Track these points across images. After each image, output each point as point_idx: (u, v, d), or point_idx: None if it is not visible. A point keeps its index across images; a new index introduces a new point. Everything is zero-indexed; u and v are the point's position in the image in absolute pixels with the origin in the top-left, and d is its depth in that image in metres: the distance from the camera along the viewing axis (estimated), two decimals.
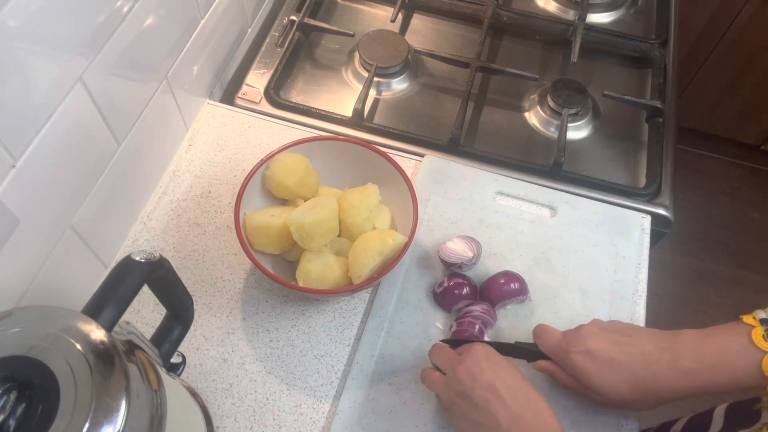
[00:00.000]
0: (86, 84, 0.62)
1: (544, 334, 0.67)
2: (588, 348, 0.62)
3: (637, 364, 0.61)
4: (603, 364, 0.61)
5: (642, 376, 0.60)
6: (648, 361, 0.61)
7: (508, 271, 0.76)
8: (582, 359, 0.62)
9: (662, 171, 0.90)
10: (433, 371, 0.65)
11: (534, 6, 1.11)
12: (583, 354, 0.62)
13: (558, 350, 0.65)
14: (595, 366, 0.62)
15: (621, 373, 0.61)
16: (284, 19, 1.04)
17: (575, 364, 0.63)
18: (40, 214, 0.61)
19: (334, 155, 0.78)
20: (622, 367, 0.61)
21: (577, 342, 0.63)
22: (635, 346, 0.62)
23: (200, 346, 0.73)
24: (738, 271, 1.93)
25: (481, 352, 0.61)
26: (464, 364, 0.60)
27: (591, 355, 0.62)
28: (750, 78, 1.79)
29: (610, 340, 0.62)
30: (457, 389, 0.60)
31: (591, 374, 0.62)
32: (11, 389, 0.39)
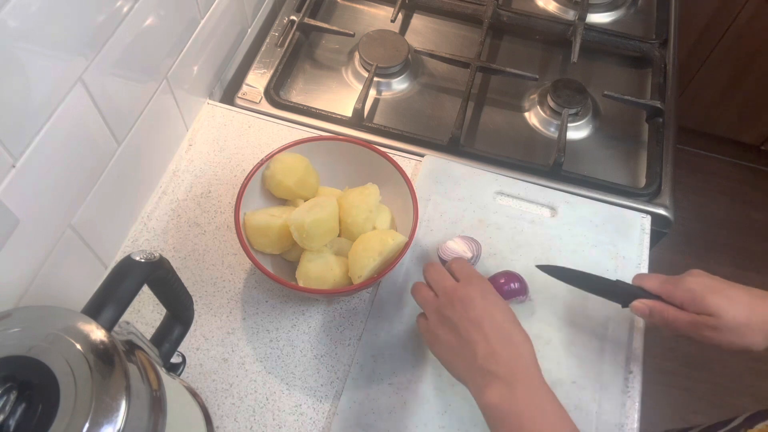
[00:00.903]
0: (86, 84, 0.62)
1: (648, 276, 0.69)
2: (704, 278, 0.65)
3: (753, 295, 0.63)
4: (719, 288, 0.64)
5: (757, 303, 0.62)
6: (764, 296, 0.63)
7: (509, 271, 0.76)
8: (700, 283, 0.64)
9: (662, 171, 0.90)
10: (428, 288, 0.65)
11: (534, 6, 1.11)
12: (701, 280, 0.65)
13: (667, 282, 0.67)
14: (713, 287, 0.64)
15: (737, 298, 0.63)
16: (284, 19, 1.04)
17: (691, 287, 0.64)
18: (40, 214, 0.61)
19: (334, 155, 0.78)
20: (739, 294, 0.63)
21: (692, 274, 0.66)
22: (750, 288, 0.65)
23: (200, 346, 0.73)
24: (738, 271, 1.93)
25: (479, 286, 0.61)
26: (458, 293, 0.60)
27: (709, 281, 0.65)
28: (750, 78, 1.79)
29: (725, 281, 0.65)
30: (445, 315, 0.60)
31: (708, 294, 0.63)
32: (11, 389, 0.39)
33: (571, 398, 0.69)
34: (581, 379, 0.71)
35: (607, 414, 0.69)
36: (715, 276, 0.66)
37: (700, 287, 0.64)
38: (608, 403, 0.70)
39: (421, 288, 0.65)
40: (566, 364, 0.72)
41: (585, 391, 0.70)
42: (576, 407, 0.69)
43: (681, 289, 0.65)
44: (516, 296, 0.74)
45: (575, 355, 0.71)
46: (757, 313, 0.62)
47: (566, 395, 0.69)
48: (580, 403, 0.69)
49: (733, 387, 1.68)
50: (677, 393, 1.61)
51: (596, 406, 0.70)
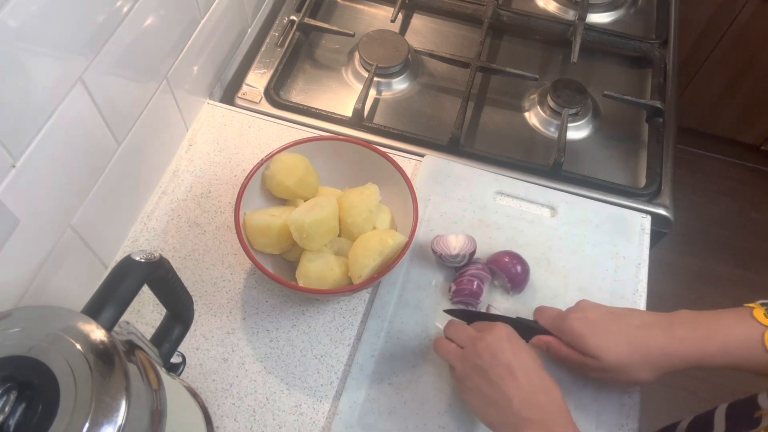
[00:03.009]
0: (86, 84, 0.62)
1: (544, 310, 0.70)
2: (586, 315, 0.65)
3: (632, 328, 0.63)
4: (600, 327, 0.64)
5: (637, 339, 0.63)
6: (644, 326, 0.63)
7: (519, 255, 0.76)
8: (579, 323, 0.65)
9: (662, 171, 0.90)
10: (449, 342, 0.66)
11: (534, 6, 1.11)
12: (582, 319, 0.65)
13: (557, 319, 0.67)
14: (592, 328, 0.64)
15: (617, 335, 0.63)
16: (284, 19, 1.04)
17: (573, 327, 0.65)
18: (40, 214, 0.61)
19: (334, 155, 0.78)
20: (619, 330, 0.63)
21: (576, 311, 0.66)
22: (633, 317, 0.65)
23: (200, 346, 0.73)
24: (738, 271, 1.93)
25: (504, 331, 0.62)
26: (485, 340, 0.61)
27: (589, 320, 0.65)
28: (750, 78, 1.79)
29: (608, 312, 0.66)
30: (474, 363, 0.61)
31: (587, 335, 0.64)
32: (11, 389, 0.39)
33: (571, 398, 0.69)
34: (581, 379, 0.71)
35: (607, 414, 0.69)
36: (599, 307, 0.66)
37: (579, 328, 0.64)
38: (608, 403, 0.70)
39: (443, 342, 0.66)
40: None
41: (585, 391, 0.70)
42: (576, 407, 0.69)
43: (564, 330, 0.66)
44: (512, 278, 0.75)
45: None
46: (638, 349, 0.62)
47: (566, 395, 0.69)
48: (580, 403, 0.69)
49: (733, 387, 1.68)
50: (677, 393, 1.61)
51: (596, 406, 0.70)
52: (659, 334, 0.62)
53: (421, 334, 0.74)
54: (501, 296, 0.77)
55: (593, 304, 0.67)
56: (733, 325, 0.61)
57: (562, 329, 0.66)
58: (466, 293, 0.74)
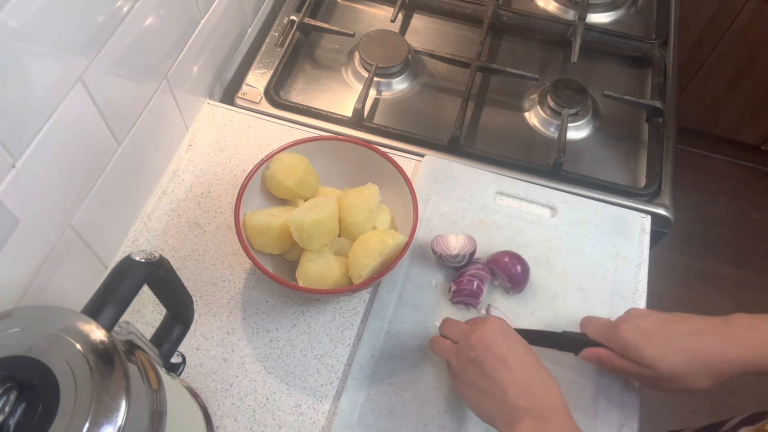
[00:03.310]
0: (86, 84, 0.62)
1: (591, 321, 0.69)
2: (638, 324, 0.63)
3: (688, 336, 0.61)
4: (653, 336, 0.62)
5: (694, 347, 0.61)
6: (700, 333, 0.61)
7: (519, 255, 0.76)
8: (632, 333, 0.63)
9: (662, 171, 0.90)
10: (444, 339, 0.66)
11: (534, 6, 1.11)
12: (634, 329, 0.63)
13: (607, 330, 0.66)
14: (646, 338, 0.62)
15: (672, 345, 0.61)
16: (284, 19, 1.04)
17: (626, 338, 0.63)
18: (40, 214, 0.61)
19: (334, 155, 0.78)
20: (673, 339, 0.62)
21: (627, 320, 0.65)
22: (686, 323, 0.63)
23: (200, 346, 0.73)
24: (738, 271, 1.93)
25: (497, 324, 0.61)
26: (478, 333, 0.61)
27: (641, 329, 0.63)
28: (750, 78, 1.79)
29: (660, 319, 0.64)
30: (468, 356, 0.60)
31: (641, 346, 0.62)
32: (11, 389, 0.39)
33: (571, 398, 0.69)
34: (581, 379, 0.71)
35: (607, 414, 0.69)
36: (651, 314, 0.65)
37: (633, 338, 0.63)
38: (608, 403, 0.70)
39: (438, 340, 0.66)
40: (566, 363, 0.71)
41: (585, 391, 0.70)
42: (576, 407, 0.69)
43: (617, 341, 0.64)
44: (512, 278, 0.75)
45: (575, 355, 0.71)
46: (696, 357, 0.61)
47: (566, 395, 0.69)
48: (580, 403, 0.69)
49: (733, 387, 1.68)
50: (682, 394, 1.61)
51: (596, 406, 0.70)
52: (717, 341, 0.60)
53: (421, 334, 0.74)
54: (501, 296, 0.77)
55: (644, 311, 0.66)
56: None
57: (614, 340, 0.64)
58: (466, 293, 0.74)
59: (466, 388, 0.61)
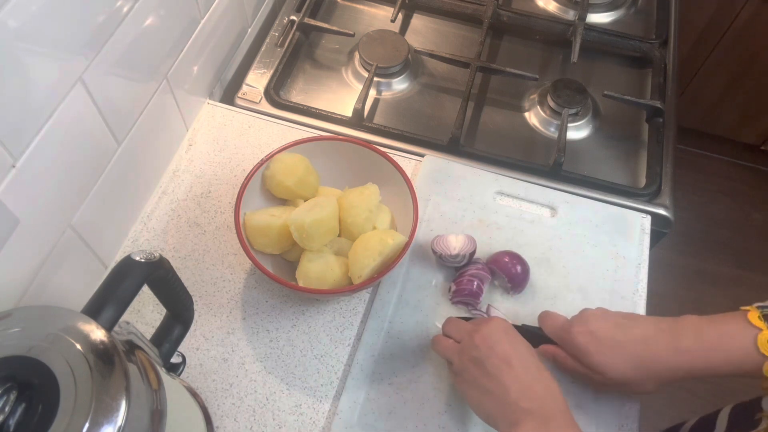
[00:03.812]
0: (86, 84, 0.62)
1: (548, 318, 0.69)
2: (590, 328, 0.64)
3: (637, 343, 0.62)
4: (604, 342, 0.63)
5: (641, 354, 0.62)
6: (647, 340, 0.62)
7: (519, 255, 0.76)
8: (584, 338, 0.64)
9: (662, 171, 0.90)
10: (446, 338, 0.66)
11: (534, 6, 1.11)
12: (585, 333, 0.64)
13: (561, 331, 0.66)
14: (596, 344, 0.63)
15: (621, 352, 0.62)
16: (284, 19, 1.04)
17: (577, 343, 0.64)
18: (40, 214, 0.61)
19: (334, 155, 0.78)
20: (622, 346, 0.62)
21: (579, 322, 0.65)
22: (636, 327, 0.63)
23: (200, 346, 0.73)
24: (738, 271, 1.93)
25: (500, 324, 0.62)
26: (481, 332, 0.61)
27: (592, 334, 0.64)
28: (750, 78, 1.79)
29: (612, 322, 0.64)
30: (471, 355, 0.60)
31: (591, 352, 0.63)
32: (11, 389, 0.39)
33: (571, 397, 0.69)
34: (581, 379, 0.71)
35: (607, 414, 0.69)
36: (603, 316, 0.65)
37: (584, 344, 0.64)
38: (608, 403, 0.70)
39: (440, 339, 0.67)
40: None
41: (585, 392, 0.70)
42: (576, 407, 0.69)
43: (569, 344, 0.65)
44: (512, 278, 0.75)
45: None
46: (643, 364, 0.62)
47: (566, 395, 0.69)
48: (580, 403, 0.69)
49: (733, 387, 1.68)
50: (677, 393, 1.61)
51: (596, 406, 0.70)
52: (664, 348, 0.61)
53: (421, 334, 0.74)
54: (501, 296, 0.77)
55: (597, 312, 0.66)
56: (736, 334, 0.60)
57: (566, 343, 0.66)
58: (466, 293, 0.74)
59: (467, 387, 0.61)
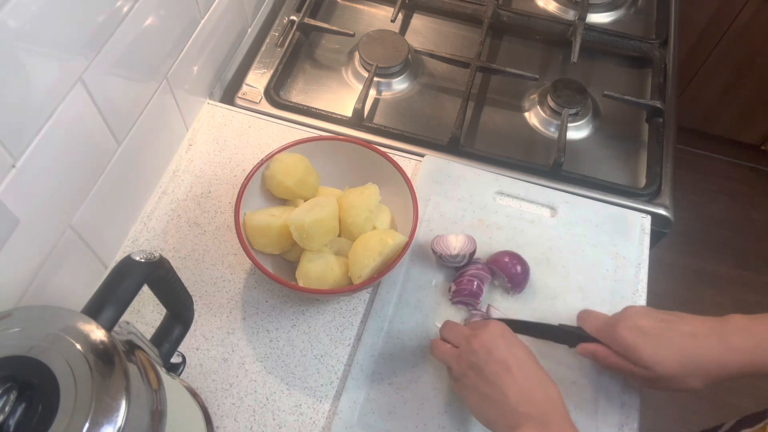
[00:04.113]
0: (86, 84, 0.62)
1: (589, 316, 0.68)
2: (637, 323, 0.63)
3: (685, 338, 0.62)
4: (652, 337, 0.62)
5: (691, 350, 0.61)
6: (696, 335, 0.61)
7: (519, 255, 0.76)
8: (630, 333, 0.63)
9: (662, 171, 0.90)
10: (444, 343, 0.66)
11: (534, 6, 1.11)
12: (632, 329, 0.63)
13: (606, 327, 0.65)
14: (644, 339, 0.62)
15: (670, 347, 0.62)
16: (284, 19, 1.04)
17: (624, 338, 0.63)
18: (40, 214, 0.61)
19: (334, 155, 0.78)
20: (672, 342, 0.62)
21: (625, 319, 0.64)
22: (683, 324, 0.63)
23: (200, 346, 0.73)
24: (738, 271, 1.93)
25: (498, 328, 0.62)
26: (480, 337, 0.61)
27: (640, 329, 0.63)
28: (750, 78, 1.79)
29: (658, 319, 0.63)
30: (470, 361, 0.60)
31: (640, 347, 0.62)
32: (11, 389, 0.39)
33: (571, 398, 0.69)
34: (581, 379, 0.71)
35: (607, 414, 0.69)
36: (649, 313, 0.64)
37: (632, 338, 0.63)
38: (608, 403, 0.70)
39: (438, 343, 0.66)
40: (566, 363, 0.72)
41: (585, 391, 0.70)
42: (576, 407, 0.69)
43: (614, 340, 0.64)
44: (512, 278, 0.75)
45: (575, 355, 0.71)
46: (692, 360, 0.61)
47: (566, 395, 0.69)
48: (581, 403, 0.69)
49: (733, 387, 1.68)
50: (677, 393, 1.61)
51: (596, 406, 0.70)
52: (713, 344, 0.61)
53: (421, 334, 0.74)
54: (501, 296, 0.77)
55: (642, 309, 0.65)
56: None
57: (612, 339, 0.64)
58: (466, 293, 0.74)
59: (467, 393, 0.61)
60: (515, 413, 0.56)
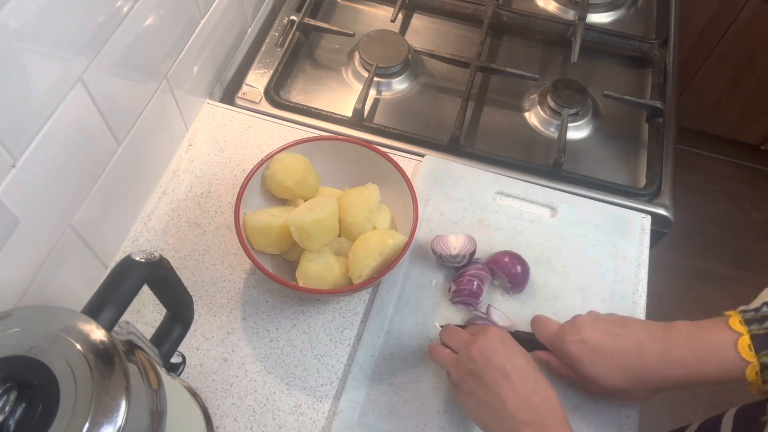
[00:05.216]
0: (86, 84, 0.62)
1: (540, 324, 0.69)
2: (582, 337, 0.64)
3: (629, 353, 0.62)
4: (596, 352, 0.63)
5: (633, 365, 0.62)
6: (640, 350, 0.62)
7: (519, 255, 0.76)
8: (576, 348, 0.64)
9: (662, 171, 0.90)
10: (443, 347, 0.66)
11: (534, 6, 1.11)
12: (578, 342, 0.64)
13: (554, 339, 0.66)
14: (589, 354, 0.63)
15: (613, 362, 0.62)
16: (284, 19, 1.04)
17: (570, 353, 0.64)
18: (40, 214, 0.61)
19: (334, 155, 0.78)
20: (615, 356, 0.62)
21: (572, 331, 0.65)
22: (628, 336, 0.63)
23: (200, 346, 0.73)
24: (738, 271, 1.93)
25: (497, 334, 0.62)
26: (478, 343, 0.61)
27: (585, 343, 0.63)
28: (750, 78, 1.79)
29: (604, 330, 0.64)
30: (468, 368, 0.60)
31: (584, 362, 0.63)
32: (11, 389, 0.39)
33: (571, 398, 0.69)
34: None
35: (606, 415, 0.69)
36: (595, 323, 0.64)
37: (576, 353, 0.63)
38: (608, 404, 0.70)
39: (437, 348, 0.66)
40: None
41: (585, 392, 0.70)
42: (576, 407, 0.69)
43: (562, 353, 0.65)
44: (512, 278, 0.75)
45: None
46: (634, 374, 0.62)
47: (566, 396, 0.69)
48: (580, 403, 0.69)
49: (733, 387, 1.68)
50: (677, 393, 1.61)
51: (596, 407, 0.70)
52: (656, 358, 0.61)
53: (421, 334, 0.74)
54: (501, 296, 0.77)
55: (588, 319, 0.65)
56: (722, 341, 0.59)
57: (559, 351, 0.66)
58: (466, 293, 0.74)
59: (466, 399, 0.62)
60: (514, 420, 0.56)
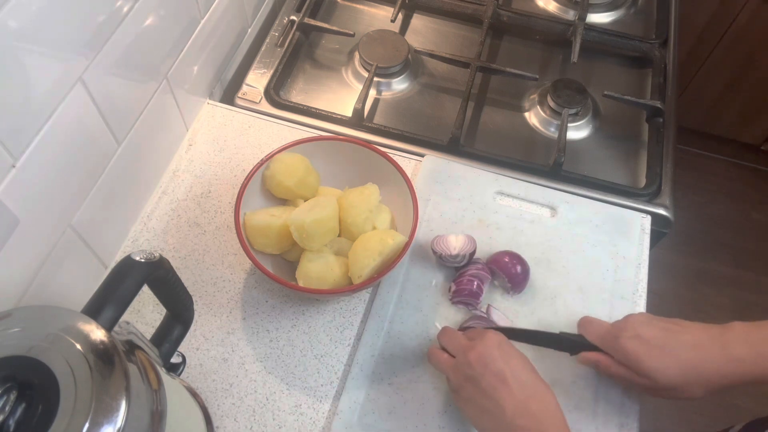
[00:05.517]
0: (86, 84, 0.62)
1: (591, 325, 0.68)
2: (638, 333, 0.63)
3: (687, 349, 0.61)
4: (654, 348, 0.62)
5: (692, 360, 0.61)
6: (698, 346, 0.61)
7: (519, 255, 0.76)
8: (633, 343, 0.63)
9: (662, 171, 0.90)
10: (442, 352, 0.66)
11: (534, 6, 1.11)
12: (634, 338, 0.63)
13: (607, 336, 0.65)
14: (646, 349, 0.62)
15: (671, 357, 0.61)
16: (284, 19, 1.04)
17: (626, 349, 0.63)
18: (40, 214, 0.61)
19: (334, 155, 0.78)
20: (673, 352, 0.62)
21: (627, 328, 0.64)
22: (685, 332, 0.63)
23: (200, 346, 0.73)
24: (738, 271, 1.93)
25: (494, 339, 0.61)
26: (476, 349, 0.61)
27: (642, 339, 0.63)
28: (750, 78, 1.79)
29: (660, 328, 0.63)
30: (466, 374, 0.60)
31: (642, 358, 0.62)
32: (11, 389, 0.39)
33: (571, 398, 0.69)
34: (581, 380, 0.71)
35: (607, 414, 0.69)
36: (651, 322, 0.64)
37: (633, 349, 0.63)
38: (608, 403, 0.70)
39: (436, 352, 0.66)
40: (566, 364, 0.71)
41: (585, 391, 0.70)
42: (576, 407, 0.69)
43: (617, 350, 0.64)
44: (512, 278, 0.75)
45: (570, 355, 0.71)
46: (693, 370, 0.61)
47: (566, 395, 0.69)
48: (580, 403, 0.69)
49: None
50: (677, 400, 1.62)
51: (596, 406, 0.70)
52: (715, 354, 0.61)
53: (421, 334, 0.74)
54: (501, 296, 0.77)
55: (643, 318, 0.65)
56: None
57: (614, 349, 0.64)
58: (466, 293, 0.74)
59: (464, 404, 0.62)
60: (512, 426, 0.56)
